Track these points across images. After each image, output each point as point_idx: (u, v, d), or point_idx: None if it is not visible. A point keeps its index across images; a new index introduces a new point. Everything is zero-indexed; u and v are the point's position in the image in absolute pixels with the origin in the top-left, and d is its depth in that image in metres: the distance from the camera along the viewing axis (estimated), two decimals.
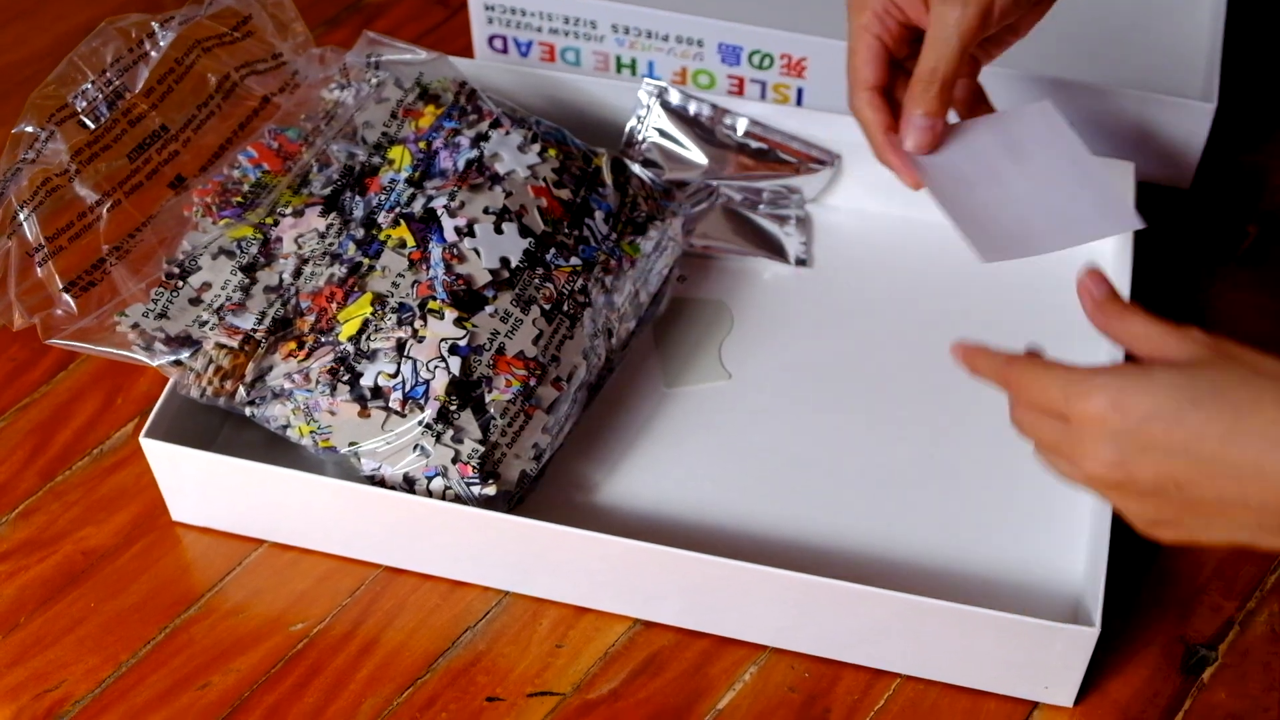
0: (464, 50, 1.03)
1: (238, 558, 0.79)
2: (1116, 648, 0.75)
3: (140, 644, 0.76)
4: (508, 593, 0.78)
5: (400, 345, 0.75)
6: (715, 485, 0.80)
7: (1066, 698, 0.73)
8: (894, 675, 0.74)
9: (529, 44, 1.01)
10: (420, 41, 0.91)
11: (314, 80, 0.86)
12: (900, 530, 0.78)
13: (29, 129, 0.77)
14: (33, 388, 0.87)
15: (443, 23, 1.09)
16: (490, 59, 1.02)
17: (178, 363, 0.76)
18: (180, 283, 0.78)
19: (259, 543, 0.80)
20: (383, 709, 0.73)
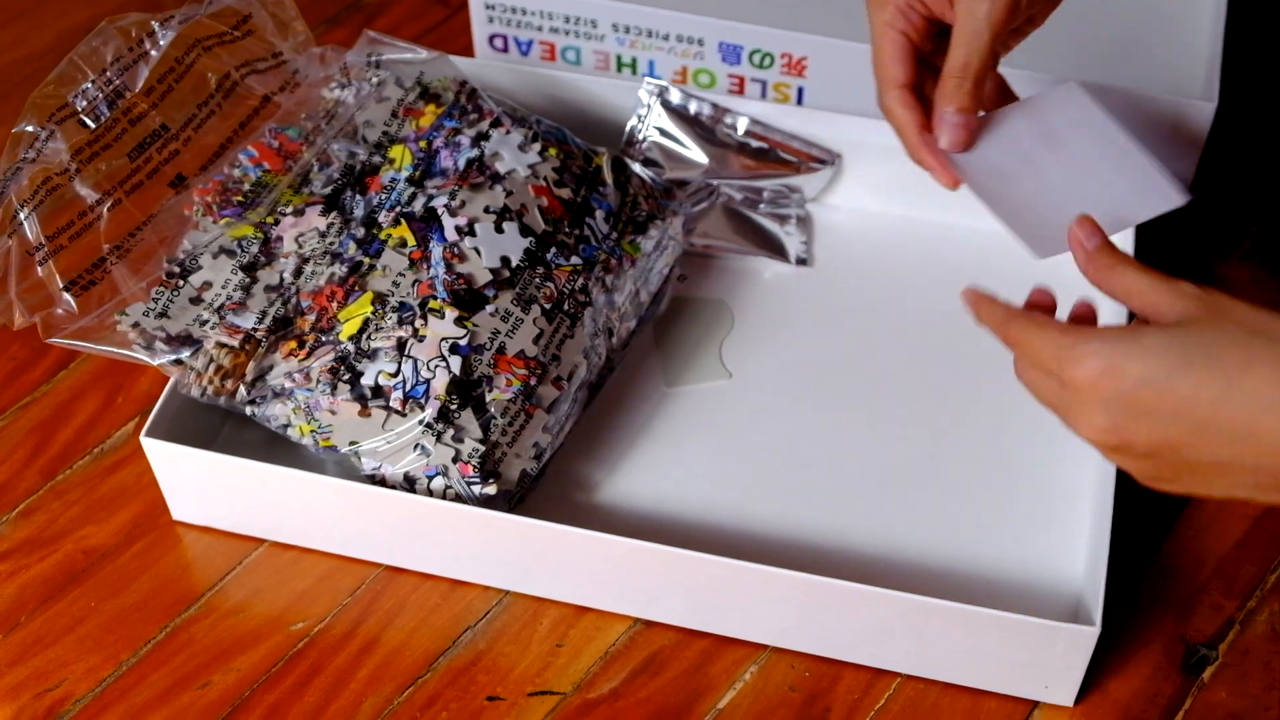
0: (464, 49, 1.03)
1: (238, 557, 0.79)
2: (1117, 647, 0.75)
3: (141, 643, 0.76)
4: (508, 592, 0.78)
5: (401, 344, 0.75)
6: (716, 485, 0.80)
7: (1067, 697, 0.73)
8: (894, 675, 0.74)
9: (529, 43, 1.01)
10: (421, 41, 0.91)
11: (314, 79, 0.86)
12: (901, 530, 0.78)
13: (29, 128, 0.77)
14: (33, 387, 0.87)
15: (443, 22, 1.09)
16: (491, 58, 1.02)
17: (178, 362, 0.76)
18: (181, 282, 0.78)
19: (259, 542, 0.80)
20: (383, 708, 0.73)
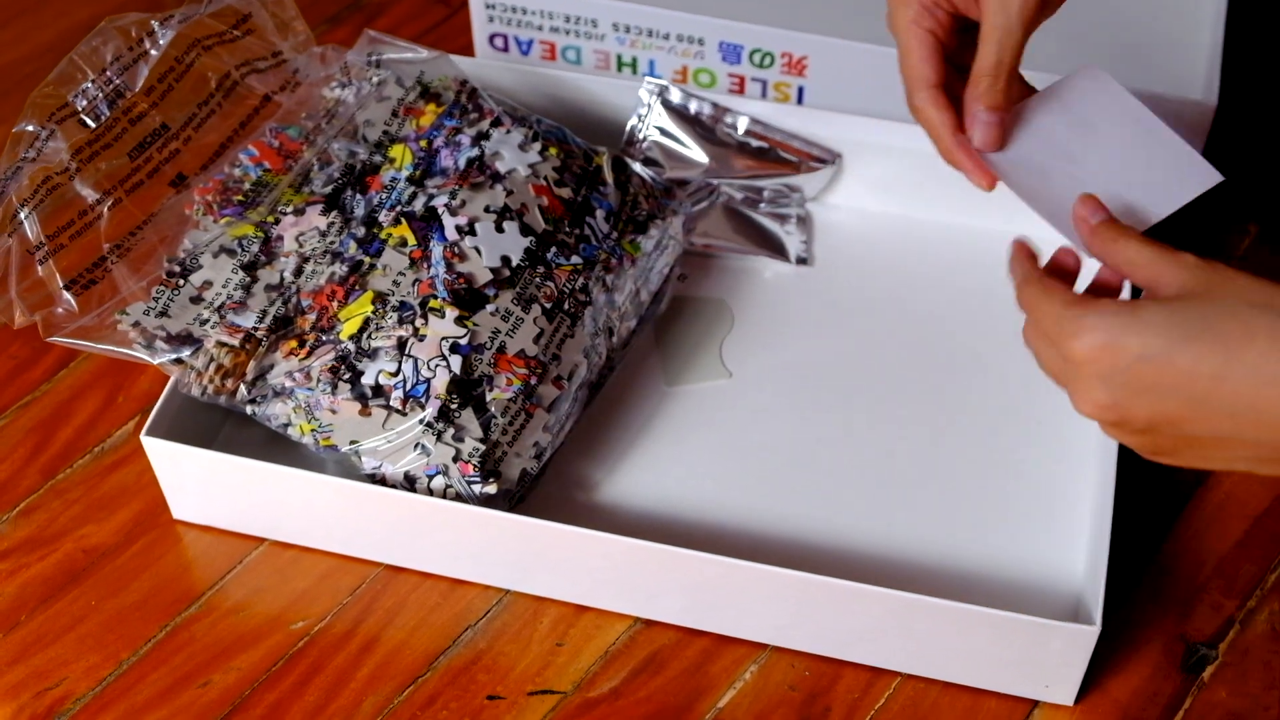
0: (465, 49, 1.03)
1: (238, 556, 0.79)
2: (1117, 646, 0.75)
3: (141, 642, 0.76)
4: (508, 591, 0.78)
5: (401, 344, 0.75)
6: (716, 484, 0.80)
7: (1067, 696, 0.73)
8: (894, 674, 0.74)
9: (530, 43, 1.01)
10: (421, 40, 0.91)
11: (315, 79, 0.86)
12: (901, 529, 0.78)
13: (29, 128, 0.77)
14: (34, 386, 0.87)
15: (444, 21, 1.09)
16: (491, 57, 1.02)
17: (179, 361, 0.76)
18: (181, 281, 0.78)
19: (260, 541, 0.80)
20: (383, 707, 0.73)
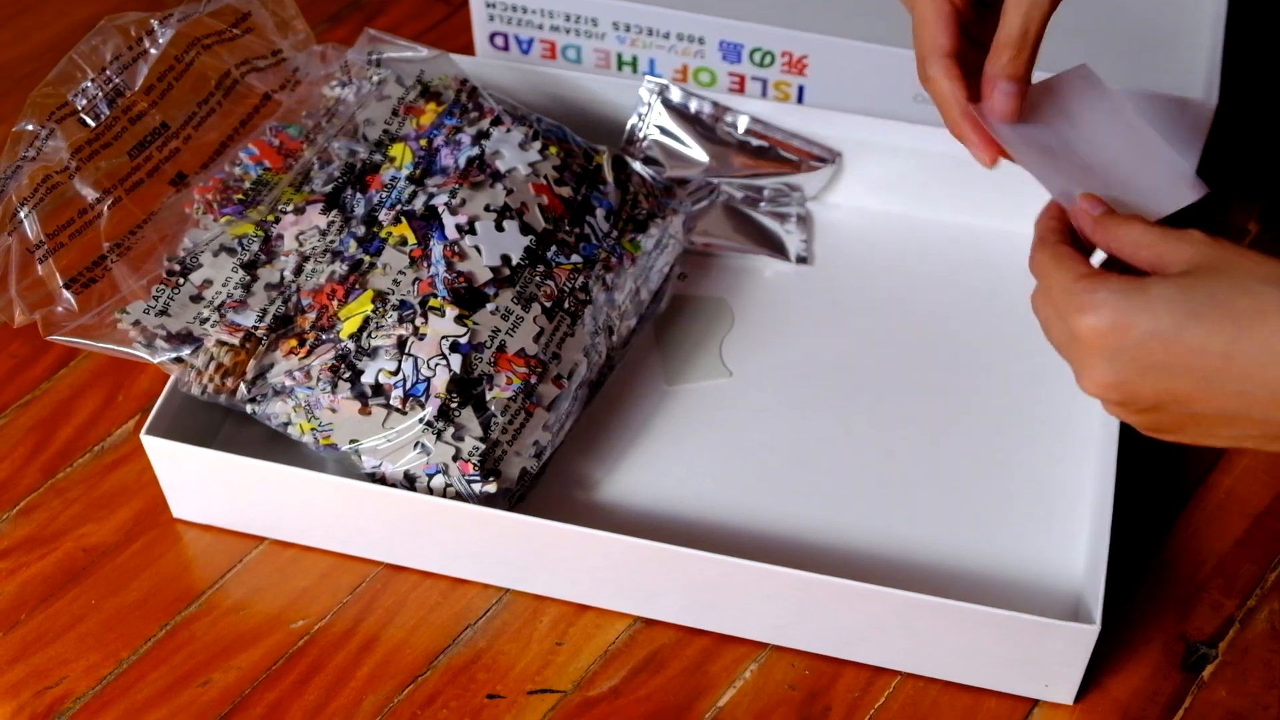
0: (465, 48, 1.03)
1: (239, 555, 0.79)
2: (1117, 645, 0.75)
3: (141, 641, 0.76)
4: (508, 590, 0.78)
5: (401, 343, 0.75)
6: (716, 483, 0.80)
7: (1067, 695, 0.73)
8: (894, 673, 0.74)
9: (530, 41, 1.01)
10: (421, 39, 0.91)
11: (315, 77, 0.86)
12: (901, 528, 0.78)
13: (29, 127, 0.77)
14: (34, 384, 0.87)
15: (444, 20, 1.09)
16: (491, 56, 1.02)
17: (179, 360, 0.76)
18: (181, 280, 0.78)
19: (260, 540, 0.80)
20: (383, 706, 0.73)
